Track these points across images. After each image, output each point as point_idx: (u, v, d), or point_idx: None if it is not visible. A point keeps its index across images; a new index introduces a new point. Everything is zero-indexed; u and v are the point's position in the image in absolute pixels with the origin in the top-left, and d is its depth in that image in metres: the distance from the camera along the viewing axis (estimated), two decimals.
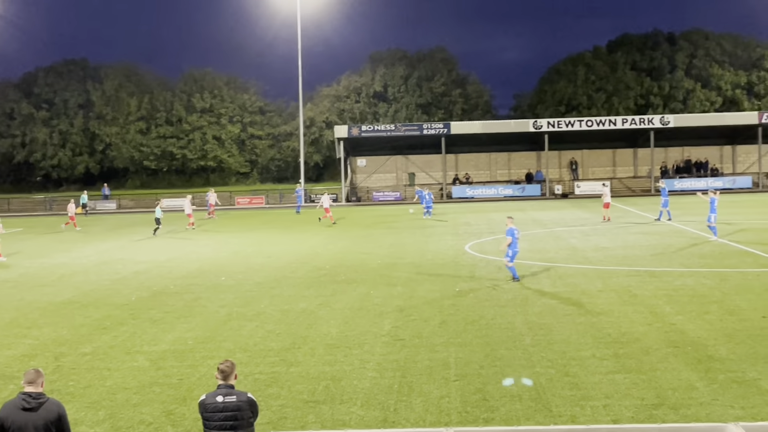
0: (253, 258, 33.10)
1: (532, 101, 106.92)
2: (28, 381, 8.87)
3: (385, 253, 33.07)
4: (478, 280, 25.40)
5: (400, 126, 74.20)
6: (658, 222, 42.15)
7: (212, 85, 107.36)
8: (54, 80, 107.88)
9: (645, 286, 23.37)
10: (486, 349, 16.79)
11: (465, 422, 12.48)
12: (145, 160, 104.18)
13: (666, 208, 42.94)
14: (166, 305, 23.08)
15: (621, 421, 12.32)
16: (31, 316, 22.12)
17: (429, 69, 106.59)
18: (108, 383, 15.32)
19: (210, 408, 9.26)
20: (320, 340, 18.14)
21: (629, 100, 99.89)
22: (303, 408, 13.50)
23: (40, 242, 43.38)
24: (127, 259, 34.09)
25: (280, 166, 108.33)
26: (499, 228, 41.88)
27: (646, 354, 15.97)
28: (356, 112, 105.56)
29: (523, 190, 71.31)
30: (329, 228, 45.98)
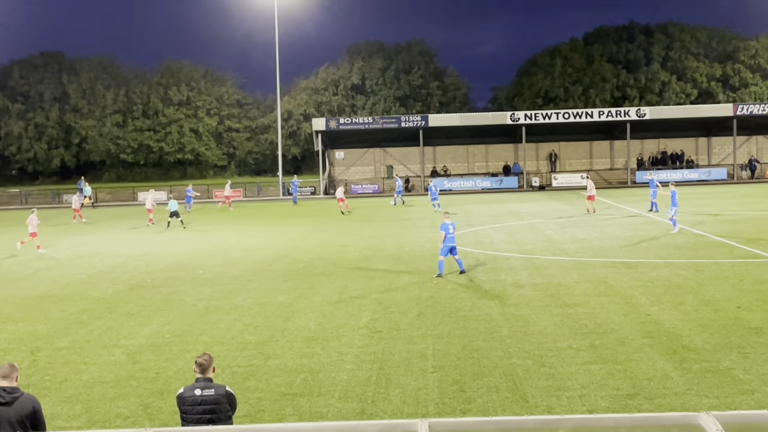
0: (231, 251, 33.03)
1: (510, 94, 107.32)
2: (3, 375, 8.82)
3: (363, 246, 33.10)
4: (456, 273, 25.47)
5: (378, 119, 74.18)
6: (651, 212, 42.39)
7: (189, 77, 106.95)
8: (29, 73, 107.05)
9: (621, 277, 23.54)
10: (463, 340, 16.86)
11: (442, 413, 12.55)
12: (122, 154, 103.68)
13: (654, 199, 43.21)
14: (143, 299, 23.00)
15: (597, 411, 12.43)
16: (6, 311, 21.98)
17: (407, 61, 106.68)
18: (84, 377, 15.26)
19: (188, 401, 9.25)
20: (298, 333, 18.15)
21: (606, 92, 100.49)
22: (281, 401, 13.51)
23: (14, 236, 43.02)
24: (104, 253, 33.92)
25: (258, 159, 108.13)
26: (477, 220, 42.07)
27: (621, 344, 16.10)
28: (334, 104, 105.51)
29: (501, 182, 71.56)
30: (314, 218, 45.92)
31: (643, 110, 70.90)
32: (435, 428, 5.63)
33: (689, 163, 73.80)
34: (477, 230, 37.46)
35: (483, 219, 42.83)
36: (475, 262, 27.52)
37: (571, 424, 6.05)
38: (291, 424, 6.53)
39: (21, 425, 8.57)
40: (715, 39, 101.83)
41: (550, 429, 5.91)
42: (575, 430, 5.97)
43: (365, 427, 6.24)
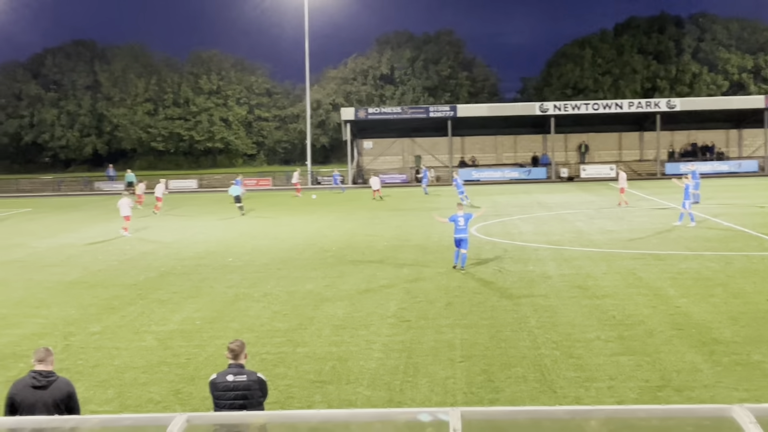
0: (260, 239, 33.21)
1: (539, 84, 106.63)
2: (39, 359, 8.98)
3: (391, 235, 33.15)
4: (484, 263, 25.46)
5: (406, 108, 74.04)
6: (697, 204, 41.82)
7: (219, 66, 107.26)
8: (62, 61, 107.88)
9: (650, 268, 23.42)
10: (491, 330, 16.89)
11: (470, 403, 12.59)
12: (153, 142, 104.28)
13: (696, 191, 42.64)
14: (174, 285, 23.22)
15: (625, 402, 12.42)
16: (40, 296, 22.28)
17: (436, 52, 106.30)
18: (116, 362, 15.47)
19: (221, 387, 9.36)
20: (327, 321, 18.26)
21: (636, 83, 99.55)
22: (310, 388, 13.62)
23: (47, 222, 43.53)
24: (135, 240, 34.23)
25: (287, 148, 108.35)
26: (505, 211, 41.94)
27: (650, 336, 16.05)
28: (363, 94, 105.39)
29: (529, 173, 71.24)
30: (342, 206, 46.01)
31: (673, 101, 70.21)
32: (467, 417, 5.67)
33: (720, 155, 73.01)
34: (505, 221, 37.38)
35: (511, 210, 42.71)
36: (503, 252, 27.49)
37: (602, 415, 6.07)
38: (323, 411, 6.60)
39: (56, 408, 8.72)
40: (747, 30, 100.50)
41: (582, 419, 5.93)
42: (606, 420, 5.98)
43: (397, 415, 6.28)
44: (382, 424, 6.09)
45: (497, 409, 6.14)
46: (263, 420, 6.36)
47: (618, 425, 5.99)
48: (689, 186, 33.63)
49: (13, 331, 18.29)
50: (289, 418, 6.41)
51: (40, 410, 8.63)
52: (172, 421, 5.75)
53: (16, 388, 8.94)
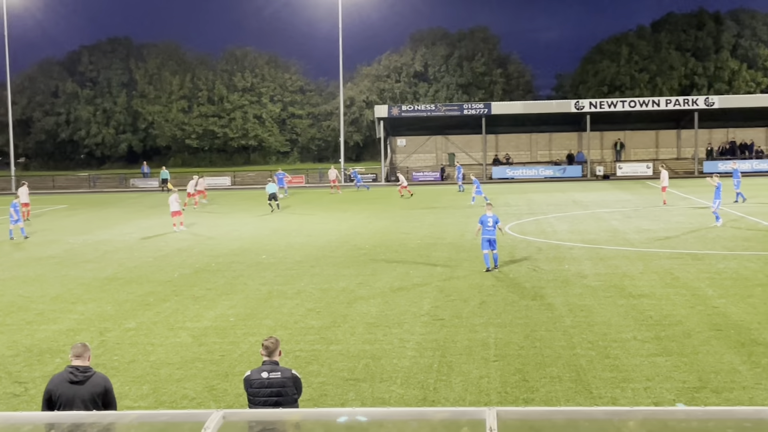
0: (293, 237, 33.30)
1: (574, 81, 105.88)
2: (76, 355, 9.04)
3: (424, 233, 33.08)
4: (518, 261, 25.33)
5: (440, 106, 73.91)
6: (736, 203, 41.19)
7: (253, 64, 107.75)
8: (98, 59, 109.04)
9: (687, 268, 23.15)
10: (526, 330, 16.78)
11: (505, 402, 12.51)
12: (187, 139, 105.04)
13: (738, 189, 42.09)
14: (208, 282, 23.35)
15: (662, 403, 12.27)
16: (76, 292, 22.50)
17: (470, 48, 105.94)
18: (152, 358, 15.57)
19: (255, 384, 9.37)
20: (360, 319, 18.25)
21: (673, 80, 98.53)
22: (343, 386, 13.61)
23: (83, 219, 43.99)
24: (169, 237, 34.48)
25: (320, 146, 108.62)
26: (540, 209, 41.70)
27: (688, 337, 15.86)
28: (396, 91, 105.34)
29: (564, 171, 70.78)
30: (375, 204, 46.01)
31: (711, 99, 69.36)
32: (503, 417, 5.61)
33: (759, 154, 72.02)
34: (540, 219, 37.15)
35: (546, 208, 42.45)
36: (538, 251, 27.32)
37: (640, 416, 5.98)
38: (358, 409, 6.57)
39: (93, 403, 8.78)
40: None
41: (619, 420, 5.85)
42: (645, 422, 5.89)
43: (432, 414, 6.24)
44: (418, 422, 6.05)
45: (533, 409, 6.07)
46: (298, 417, 6.35)
47: (656, 427, 5.90)
48: (720, 185, 33.02)
49: (49, 326, 18.48)
50: (324, 415, 6.39)
51: (77, 405, 8.69)
52: (209, 418, 5.76)
53: (53, 383, 9.01)
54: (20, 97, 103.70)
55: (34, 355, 16.00)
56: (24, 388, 13.97)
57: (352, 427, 6.12)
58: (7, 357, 15.94)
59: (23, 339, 17.31)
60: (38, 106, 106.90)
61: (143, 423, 6.40)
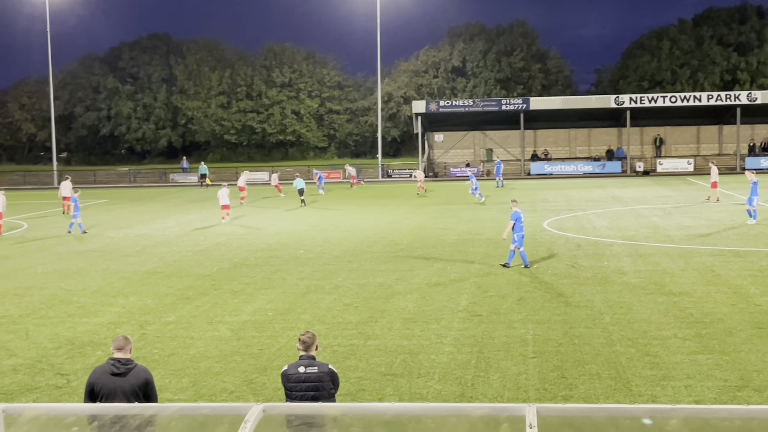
0: (330, 232, 33.39)
1: (614, 76, 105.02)
2: (117, 347, 9.14)
3: (462, 229, 32.99)
4: (557, 258, 25.17)
5: (478, 101, 73.72)
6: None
7: (291, 59, 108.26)
8: (138, 55, 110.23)
9: (729, 266, 22.85)
10: (564, 326, 16.67)
11: (543, 399, 12.45)
12: (226, 134, 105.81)
13: None
14: (247, 277, 23.49)
15: (703, 402, 12.13)
16: (117, 285, 22.76)
17: (508, 44, 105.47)
18: (191, 351, 15.70)
19: (293, 378, 9.41)
20: (397, 315, 18.25)
21: (715, 75, 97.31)
22: (381, 381, 13.63)
23: (123, 213, 44.48)
24: (208, 232, 34.76)
25: (358, 141, 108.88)
26: (579, 205, 41.41)
27: (729, 335, 15.65)
28: (434, 87, 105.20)
29: (603, 167, 70.21)
30: (413, 200, 46.01)
31: (754, 94, 68.40)
32: (543, 413, 5.58)
33: None
34: (578, 215, 36.89)
35: (584, 204, 42.15)
36: (577, 247, 27.13)
37: (682, 414, 5.90)
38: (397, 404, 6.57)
39: (134, 395, 8.88)
40: None
41: (661, 418, 5.78)
42: (687, 420, 5.82)
43: (472, 410, 6.22)
44: (457, 418, 6.03)
45: (574, 406, 6.02)
46: (338, 412, 6.37)
47: (698, 425, 5.83)
48: (757, 183, 32.40)
49: (91, 319, 18.71)
50: (363, 410, 6.40)
51: (118, 397, 8.79)
52: (249, 411, 5.79)
53: (95, 375, 9.12)
54: (62, 92, 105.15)
55: (75, 348, 16.21)
56: (66, 380, 14.16)
57: (390, 423, 6.12)
58: (49, 349, 16.17)
59: (65, 332, 17.55)
60: (79, 102, 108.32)
61: (184, 415, 6.45)
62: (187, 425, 6.32)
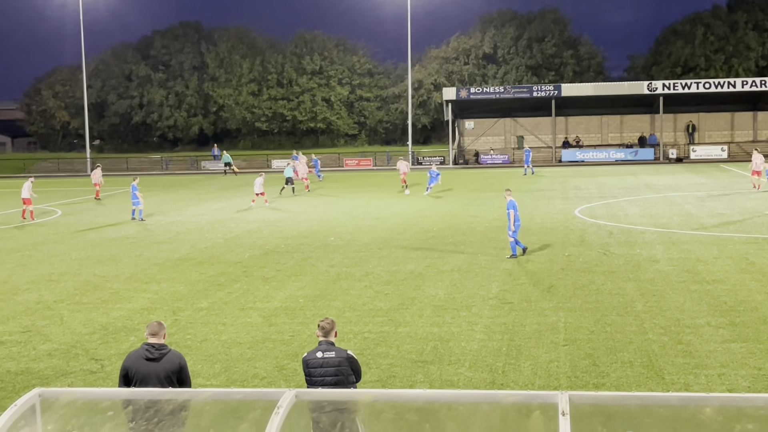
0: (361, 219, 33.43)
1: (647, 63, 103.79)
2: (152, 333, 9.22)
3: (493, 217, 32.88)
4: (588, 245, 25.02)
5: (509, 88, 73.29)
6: None
7: (322, 47, 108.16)
8: (170, 43, 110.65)
9: (764, 253, 22.59)
10: (596, 314, 16.59)
11: (575, 387, 12.40)
12: (257, 122, 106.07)
13: None
14: (278, 264, 23.60)
15: (737, 390, 12.02)
16: (150, 272, 22.97)
17: (540, 30, 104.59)
18: (223, 337, 15.82)
19: (311, 364, 9.48)
20: (428, 302, 18.25)
21: (750, 61, 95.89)
22: (411, 367, 13.65)
23: (155, 200, 44.82)
24: (240, 219, 34.93)
25: (388, 128, 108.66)
26: (611, 193, 41.11)
27: (764, 323, 15.49)
28: (465, 74, 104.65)
29: (636, 154, 69.57)
30: (442, 187, 45.90)
31: None
32: (575, 401, 5.56)
33: None
34: (610, 203, 36.63)
35: (616, 191, 41.83)
36: (609, 235, 26.95)
37: (717, 403, 5.86)
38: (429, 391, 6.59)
39: (168, 380, 8.96)
40: None
41: (696, 406, 5.75)
42: (722, 408, 5.78)
43: (503, 397, 6.21)
44: (489, 405, 6.04)
45: (606, 394, 6.00)
46: (370, 398, 6.39)
47: (733, 414, 5.79)
48: None
49: (124, 305, 18.91)
50: (395, 396, 6.42)
51: (152, 382, 8.87)
52: (282, 396, 5.83)
53: (130, 360, 9.21)
54: (95, 80, 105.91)
55: (109, 333, 16.39)
56: (100, 365, 14.33)
57: (422, 409, 6.13)
58: (83, 335, 16.36)
59: (99, 317, 17.75)
60: (112, 90, 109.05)
61: (218, 400, 6.51)
62: (220, 410, 6.37)
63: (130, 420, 6.25)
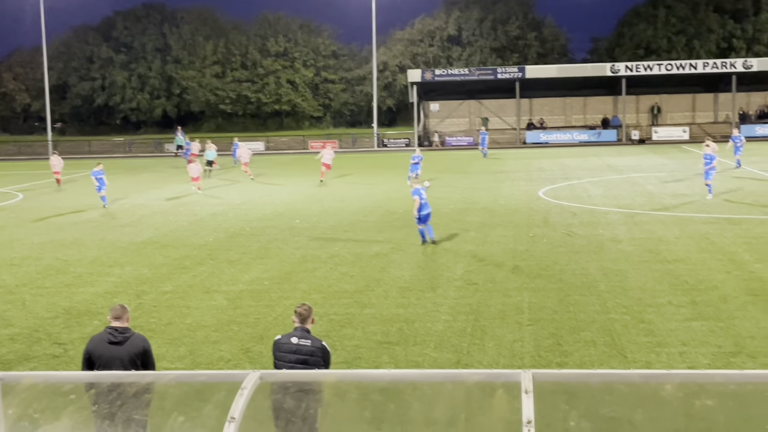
0: (326, 202, 33.38)
1: (610, 45, 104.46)
2: (115, 316, 9.16)
3: (458, 198, 33.00)
4: (552, 226, 25.21)
5: (473, 70, 73.39)
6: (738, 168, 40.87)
7: (286, 28, 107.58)
8: (132, 24, 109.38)
9: (724, 233, 22.91)
10: (560, 294, 16.74)
11: (538, 366, 12.52)
12: (221, 104, 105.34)
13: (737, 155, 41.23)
14: (243, 246, 23.51)
15: (697, 368, 12.20)
16: (113, 255, 22.77)
17: (504, 12, 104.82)
18: (188, 321, 15.75)
19: (284, 348, 9.34)
20: (393, 283, 18.30)
21: (711, 43, 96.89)
22: (377, 349, 13.69)
23: (119, 183, 44.38)
24: (204, 202, 34.72)
25: (353, 111, 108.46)
26: (574, 174, 41.41)
27: (724, 302, 15.73)
28: (429, 56, 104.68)
29: (599, 136, 70.08)
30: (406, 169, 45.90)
31: (750, 62, 68.19)
32: (538, 379, 5.61)
33: None
34: (574, 184, 36.90)
35: (580, 173, 42.16)
36: (572, 216, 27.17)
37: (677, 380, 5.95)
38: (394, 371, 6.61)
39: (132, 364, 8.90)
40: None
41: (656, 383, 5.82)
42: (682, 385, 5.87)
43: (468, 376, 6.26)
44: (453, 384, 6.08)
45: (569, 372, 6.07)
46: (334, 378, 6.41)
47: (693, 390, 5.88)
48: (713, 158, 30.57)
49: (87, 289, 18.75)
50: (360, 377, 6.44)
51: (116, 365, 8.82)
52: (246, 378, 5.82)
53: (93, 343, 9.15)
54: (56, 62, 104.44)
55: (72, 317, 16.25)
56: (63, 349, 14.21)
57: (387, 389, 6.16)
58: (46, 319, 16.21)
59: (62, 301, 17.59)
60: (74, 72, 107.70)
61: (181, 383, 6.49)
62: (184, 392, 6.35)
63: (92, 403, 6.22)
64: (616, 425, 5.68)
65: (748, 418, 5.73)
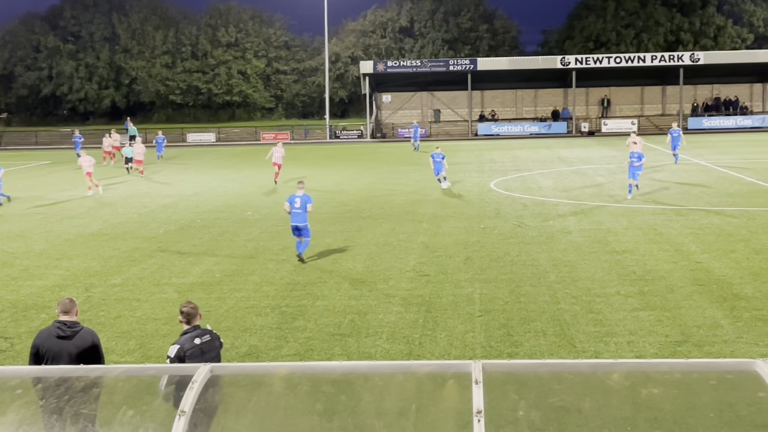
0: (278, 193, 33.24)
1: (560, 37, 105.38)
2: (63, 310, 9.03)
3: (410, 190, 33.09)
4: (503, 218, 25.41)
5: (426, 62, 73.55)
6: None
7: (237, 18, 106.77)
8: (80, 13, 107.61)
9: (671, 224, 23.30)
10: (510, 285, 16.88)
11: (489, 356, 12.63)
12: (171, 95, 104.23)
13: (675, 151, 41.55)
14: (194, 238, 23.32)
15: (644, 356, 12.41)
16: (61, 248, 22.44)
17: (456, 4, 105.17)
18: (138, 314, 15.59)
19: (192, 354, 8.86)
20: (345, 275, 18.30)
21: (659, 36, 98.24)
22: (329, 341, 13.69)
23: (66, 175, 43.72)
24: (154, 193, 34.35)
25: (306, 102, 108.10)
26: (525, 166, 41.74)
27: (671, 292, 16.00)
28: (382, 47, 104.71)
29: (549, 128, 70.71)
30: (360, 161, 45.90)
31: (697, 55, 69.30)
32: (488, 369, 5.67)
33: (743, 110, 72.17)
34: (525, 176, 37.21)
35: (531, 164, 42.52)
36: (523, 207, 27.41)
37: (624, 369, 6.05)
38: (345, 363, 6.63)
39: (81, 358, 8.79)
40: None
41: (604, 372, 5.92)
42: (629, 374, 5.97)
43: (418, 367, 6.29)
44: (404, 375, 6.11)
45: (518, 362, 6.14)
46: (286, 371, 6.40)
47: (640, 378, 5.98)
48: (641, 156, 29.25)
49: (35, 282, 18.45)
50: (311, 369, 6.44)
51: (64, 360, 8.70)
52: (197, 371, 5.79)
53: (40, 338, 9.01)
54: (1, 51, 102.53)
55: (19, 311, 15.99)
56: (10, 344, 13.98)
57: (338, 381, 6.17)
58: None
59: (8, 295, 17.29)
60: (20, 61, 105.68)
61: (131, 376, 6.43)
62: (134, 386, 6.30)
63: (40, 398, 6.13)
64: (565, 414, 5.76)
65: (692, 406, 5.84)
